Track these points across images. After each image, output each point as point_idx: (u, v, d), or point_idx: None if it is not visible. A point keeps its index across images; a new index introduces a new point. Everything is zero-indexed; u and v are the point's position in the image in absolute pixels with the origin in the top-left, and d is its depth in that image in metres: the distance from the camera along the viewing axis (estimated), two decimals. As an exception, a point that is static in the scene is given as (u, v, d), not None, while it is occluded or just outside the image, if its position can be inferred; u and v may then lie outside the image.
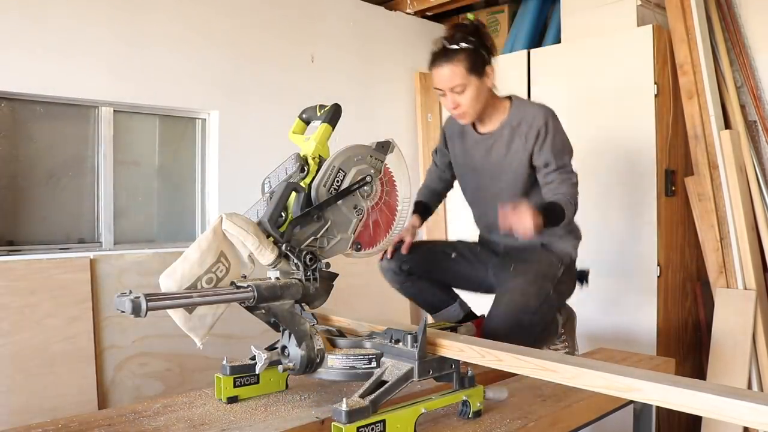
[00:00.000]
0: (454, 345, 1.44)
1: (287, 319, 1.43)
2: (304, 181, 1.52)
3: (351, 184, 1.55)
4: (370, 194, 1.61)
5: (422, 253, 2.11)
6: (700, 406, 1.04)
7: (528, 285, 1.86)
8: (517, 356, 1.34)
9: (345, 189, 1.54)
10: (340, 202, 1.54)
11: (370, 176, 1.59)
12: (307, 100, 1.87)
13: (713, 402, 1.02)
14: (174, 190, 2.97)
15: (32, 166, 2.51)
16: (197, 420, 1.45)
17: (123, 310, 1.18)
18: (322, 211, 1.51)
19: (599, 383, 1.18)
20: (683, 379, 1.14)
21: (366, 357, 1.46)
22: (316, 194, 1.50)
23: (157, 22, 2.71)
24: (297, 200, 1.47)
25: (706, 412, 1.04)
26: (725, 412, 1.01)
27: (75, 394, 2.20)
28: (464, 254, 2.17)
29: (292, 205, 1.48)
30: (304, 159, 1.54)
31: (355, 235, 1.59)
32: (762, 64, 2.96)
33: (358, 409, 1.24)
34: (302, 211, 1.47)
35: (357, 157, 1.58)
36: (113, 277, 2.36)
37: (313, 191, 1.50)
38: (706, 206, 2.88)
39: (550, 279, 1.92)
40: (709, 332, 2.85)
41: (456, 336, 1.53)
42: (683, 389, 1.07)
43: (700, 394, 1.04)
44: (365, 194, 1.60)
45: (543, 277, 1.90)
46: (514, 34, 3.65)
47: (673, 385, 1.09)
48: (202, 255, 1.40)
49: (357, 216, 1.58)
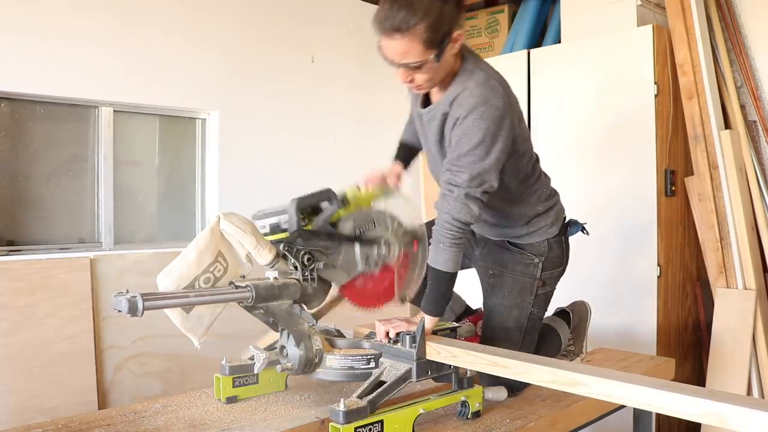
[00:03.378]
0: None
1: (285, 319, 1.43)
2: (340, 211, 1.56)
3: (375, 237, 1.61)
4: (383, 257, 1.64)
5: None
6: (640, 401, 1.11)
7: (504, 310, 1.77)
8: (470, 353, 1.38)
9: (369, 236, 1.60)
10: (356, 244, 1.58)
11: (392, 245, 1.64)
12: (307, 99, 1.87)
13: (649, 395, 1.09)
14: (174, 190, 2.97)
15: (32, 166, 2.51)
16: (197, 420, 1.45)
17: (120, 309, 1.18)
18: (339, 242, 1.55)
19: (546, 378, 1.24)
20: (629, 376, 1.19)
21: (364, 357, 1.46)
22: (343, 224, 1.56)
23: (158, 23, 2.71)
24: (324, 215, 1.52)
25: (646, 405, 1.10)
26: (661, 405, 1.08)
27: (75, 394, 2.20)
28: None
29: (320, 218, 1.53)
30: (345, 196, 1.59)
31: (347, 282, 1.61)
32: (762, 64, 2.96)
33: (356, 410, 1.25)
34: (323, 228, 1.51)
35: (391, 225, 1.64)
36: (113, 277, 2.36)
37: (342, 221, 1.56)
38: (706, 206, 2.88)
39: (528, 291, 1.76)
40: (709, 332, 2.85)
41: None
42: (624, 384, 1.12)
43: (639, 388, 1.10)
44: (381, 254, 1.63)
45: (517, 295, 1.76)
46: (514, 34, 3.65)
47: (616, 380, 1.14)
48: (200, 255, 1.41)
49: (362, 265, 1.60)
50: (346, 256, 1.57)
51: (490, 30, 3.79)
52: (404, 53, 1.44)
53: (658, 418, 2.65)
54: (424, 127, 1.69)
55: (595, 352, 2.24)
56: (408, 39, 1.42)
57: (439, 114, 1.59)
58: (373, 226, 1.61)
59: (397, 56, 1.46)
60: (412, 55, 1.44)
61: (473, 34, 3.87)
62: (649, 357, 2.25)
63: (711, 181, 2.85)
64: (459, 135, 1.50)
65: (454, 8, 1.46)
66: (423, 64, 1.46)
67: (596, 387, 1.16)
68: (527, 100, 3.34)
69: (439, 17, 1.42)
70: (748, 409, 0.97)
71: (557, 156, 3.07)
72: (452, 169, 1.51)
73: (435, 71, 1.51)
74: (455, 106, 1.53)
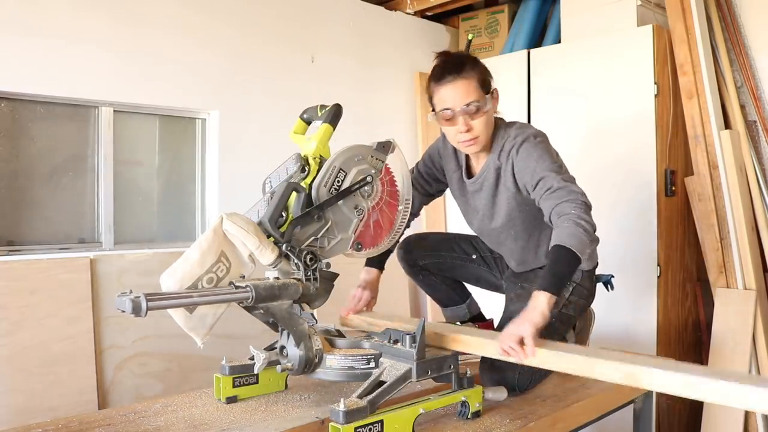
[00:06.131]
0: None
1: (285, 319, 1.43)
2: (305, 181, 1.52)
3: (352, 184, 1.55)
4: (370, 194, 1.61)
5: (441, 252, 2.06)
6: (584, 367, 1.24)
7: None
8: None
9: (346, 189, 1.54)
10: (340, 202, 1.54)
11: (371, 176, 1.59)
12: (306, 99, 1.87)
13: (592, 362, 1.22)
14: (174, 190, 2.97)
15: (32, 166, 2.51)
16: (197, 420, 1.45)
17: (123, 309, 1.18)
18: (322, 211, 1.51)
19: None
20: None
21: (364, 357, 1.46)
22: (316, 194, 1.51)
23: (158, 23, 2.71)
24: (298, 200, 1.48)
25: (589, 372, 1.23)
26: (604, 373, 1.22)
27: (75, 394, 2.20)
28: (485, 257, 2.11)
29: (293, 205, 1.48)
30: (304, 159, 1.54)
31: (355, 235, 1.59)
32: (762, 64, 2.96)
33: (356, 410, 1.25)
34: (303, 211, 1.47)
35: (358, 157, 1.58)
36: (113, 277, 2.36)
37: (313, 191, 1.51)
38: (706, 206, 2.88)
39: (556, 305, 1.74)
40: (709, 332, 2.85)
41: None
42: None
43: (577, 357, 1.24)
44: (366, 194, 1.60)
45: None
46: (514, 34, 3.65)
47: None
48: (203, 255, 1.41)
49: (358, 216, 1.58)
50: (338, 219, 1.55)
51: (490, 30, 3.79)
52: (466, 93, 1.66)
53: (658, 418, 2.66)
54: (468, 198, 1.90)
55: (595, 352, 2.24)
56: (468, 81, 1.66)
57: (491, 174, 1.78)
58: (344, 173, 1.55)
59: (459, 97, 1.66)
60: (472, 94, 1.66)
61: (473, 34, 3.87)
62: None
63: (711, 181, 2.86)
64: (523, 162, 1.68)
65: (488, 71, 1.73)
66: (481, 106, 1.67)
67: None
68: (527, 100, 3.34)
69: (483, 69, 1.71)
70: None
71: (557, 156, 3.07)
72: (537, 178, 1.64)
73: (488, 119, 1.71)
74: (504, 154, 1.73)
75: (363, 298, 1.94)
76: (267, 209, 1.47)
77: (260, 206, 1.54)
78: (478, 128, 1.70)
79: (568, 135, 3.15)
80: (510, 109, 3.32)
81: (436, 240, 2.09)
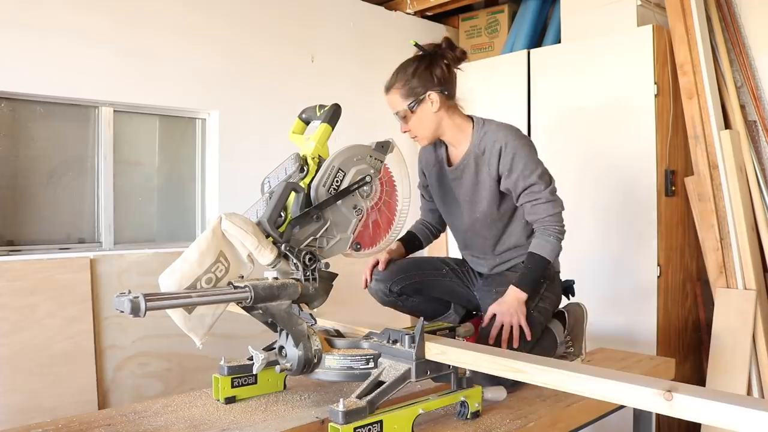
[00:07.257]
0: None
1: (284, 319, 1.43)
2: (304, 181, 1.52)
3: (350, 184, 1.55)
4: (369, 194, 1.61)
5: (411, 273, 2.07)
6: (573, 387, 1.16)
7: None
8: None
9: (344, 189, 1.54)
10: (339, 202, 1.55)
11: (370, 176, 1.59)
12: (306, 99, 1.88)
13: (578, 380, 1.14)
14: (174, 190, 2.97)
15: (32, 166, 2.51)
16: (197, 420, 1.45)
17: (122, 310, 1.18)
18: (321, 211, 1.51)
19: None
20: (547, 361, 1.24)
21: (363, 357, 1.46)
22: (315, 194, 1.51)
23: (158, 22, 2.71)
24: (296, 200, 1.48)
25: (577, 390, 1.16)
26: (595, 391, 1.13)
27: (75, 394, 2.20)
28: (455, 270, 2.14)
29: (292, 205, 1.48)
30: (303, 159, 1.54)
31: (354, 235, 1.59)
32: (762, 64, 2.96)
33: (355, 410, 1.24)
34: (302, 211, 1.47)
35: (356, 156, 1.58)
36: (113, 277, 2.36)
37: (312, 191, 1.51)
38: (706, 206, 2.88)
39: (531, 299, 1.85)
40: (709, 332, 2.85)
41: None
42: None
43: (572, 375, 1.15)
44: (365, 194, 1.60)
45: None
46: (514, 34, 3.65)
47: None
48: (202, 255, 1.40)
49: (356, 216, 1.58)
50: (337, 219, 1.55)
51: (490, 30, 3.79)
52: (393, 105, 1.92)
53: (658, 418, 2.65)
54: (451, 184, 2.03)
55: (595, 353, 2.24)
56: (393, 95, 1.91)
57: (470, 161, 1.93)
58: (343, 173, 1.55)
59: (393, 108, 1.93)
60: (399, 105, 1.91)
61: (473, 35, 3.87)
62: (649, 357, 2.25)
63: (711, 181, 2.85)
64: (510, 159, 1.86)
65: (428, 74, 1.88)
66: (408, 113, 1.90)
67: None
68: (527, 100, 3.34)
69: (410, 79, 1.89)
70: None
71: (556, 156, 3.07)
72: (526, 183, 1.84)
73: (421, 119, 1.90)
74: (485, 144, 1.90)
75: (382, 260, 2.05)
76: (266, 209, 1.47)
77: (259, 206, 1.54)
78: (414, 128, 1.93)
79: (567, 135, 3.15)
80: (510, 109, 3.33)
81: (403, 265, 2.09)
